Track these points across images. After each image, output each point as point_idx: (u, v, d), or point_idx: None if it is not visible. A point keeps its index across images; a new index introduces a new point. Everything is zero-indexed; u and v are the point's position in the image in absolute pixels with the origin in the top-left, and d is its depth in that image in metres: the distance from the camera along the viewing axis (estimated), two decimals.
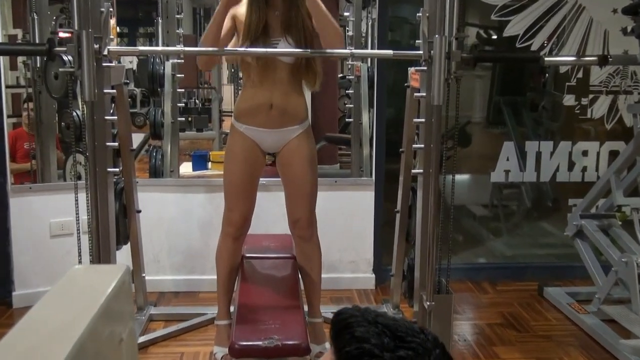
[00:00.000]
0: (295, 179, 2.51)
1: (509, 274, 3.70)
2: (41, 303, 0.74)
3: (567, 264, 3.70)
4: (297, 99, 2.46)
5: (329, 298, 3.31)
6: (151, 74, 3.65)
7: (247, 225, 2.56)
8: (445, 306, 2.30)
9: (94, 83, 2.09)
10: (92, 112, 2.17)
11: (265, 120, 2.42)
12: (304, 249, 2.63)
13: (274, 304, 2.44)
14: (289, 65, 2.39)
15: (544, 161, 3.75)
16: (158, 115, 3.73)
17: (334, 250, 3.42)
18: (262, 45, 2.32)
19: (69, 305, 0.74)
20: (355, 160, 3.90)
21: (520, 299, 3.41)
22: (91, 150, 2.20)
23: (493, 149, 3.77)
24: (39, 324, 0.69)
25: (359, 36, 3.92)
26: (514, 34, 3.60)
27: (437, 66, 2.14)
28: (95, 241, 2.24)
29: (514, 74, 4.01)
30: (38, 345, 0.63)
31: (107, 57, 2.21)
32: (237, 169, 2.48)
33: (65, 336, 0.64)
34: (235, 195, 2.50)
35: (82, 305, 0.72)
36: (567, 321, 3.14)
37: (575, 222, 3.31)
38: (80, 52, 2.07)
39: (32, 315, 0.71)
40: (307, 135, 2.51)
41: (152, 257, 3.35)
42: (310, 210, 2.55)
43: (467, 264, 3.74)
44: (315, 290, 2.69)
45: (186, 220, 3.38)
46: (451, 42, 2.15)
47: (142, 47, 4.01)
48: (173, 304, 3.28)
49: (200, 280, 3.39)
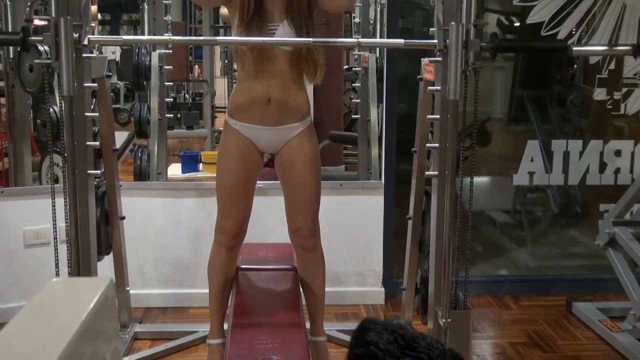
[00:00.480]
0: (296, 182, 2.51)
1: (533, 287, 3.70)
2: (15, 320, 0.74)
3: (599, 276, 3.69)
4: (298, 93, 2.46)
5: (333, 314, 3.31)
6: (136, 66, 3.66)
7: (242, 234, 2.56)
8: (462, 323, 2.30)
9: (73, 76, 2.09)
10: (70, 108, 2.18)
11: (262, 116, 2.42)
12: (306, 260, 2.63)
13: (272, 320, 2.43)
14: (288, 54, 2.39)
15: (572, 162, 3.75)
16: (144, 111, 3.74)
17: (339, 261, 3.42)
18: (257, 33, 2.32)
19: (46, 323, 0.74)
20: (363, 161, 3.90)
21: (547, 316, 3.40)
22: (70, 151, 2.20)
23: (516, 148, 3.77)
24: (13, 343, 0.69)
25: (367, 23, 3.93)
26: (539, 20, 3.60)
27: (453, 57, 2.14)
28: (74, 251, 2.24)
29: (539, 65, 4.01)
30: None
31: (88, 47, 2.21)
32: (232, 171, 2.48)
33: (42, 357, 0.64)
34: (230, 200, 2.50)
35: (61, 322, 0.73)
36: (599, 340, 3.13)
37: (607, 229, 3.30)
38: (57, 41, 2.07)
39: (5, 333, 0.71)
40: (309, 134, 2.51)
41: (137, 268, 3.35)
42: (312, 217, 2.55)
43: (487, 277, 3.73)
44: (318, 306, 2.68)
45: (175, 228, 3.38)
46: (469, 29, 2.15)
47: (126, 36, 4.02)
48: (160, 321, 3.28)
49: (190, 294, 3.40)
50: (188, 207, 3.38)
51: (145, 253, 3.39)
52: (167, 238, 3.39)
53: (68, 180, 2.20)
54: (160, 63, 3.74)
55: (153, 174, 3.68)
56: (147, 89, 3.78)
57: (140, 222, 3.28)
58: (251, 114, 2.43)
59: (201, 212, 3.35)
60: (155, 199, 3.39)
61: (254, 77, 2.39)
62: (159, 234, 3.39)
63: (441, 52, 2.24)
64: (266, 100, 2.41)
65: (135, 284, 3.26)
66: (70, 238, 2.24)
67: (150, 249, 3.39)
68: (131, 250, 3.13)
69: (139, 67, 3.66)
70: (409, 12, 3.85)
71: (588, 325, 3.28)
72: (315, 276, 2.64)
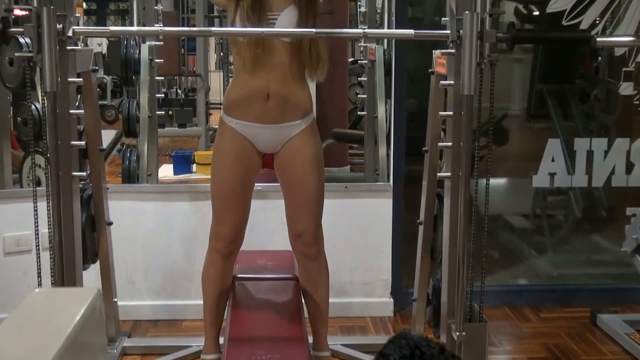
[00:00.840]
0: (298, 184, 2.52)
1: (555, 298, 3.69)
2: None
3: (625, 285, 3.69)
4: (300, 88, 2.46)
5: (337, 327, 3.31)
6: (124, 59, 3.67)
7: (239, 240, 2.57)
8: (478, 337, 2.30)
9: (56, 70, 2.10)
10: (54, 104, 2.18)
11: (261, 113, 2.43)
12: (308, 269, 2.63)
13: (271, 334, 2.44)
14: (289, 46, 2.39)
15: (596, 162, 3.74)
16: (132, 108, 3.74)
17: (344, 269, 3.42)
18: (256, 24, 2.32)
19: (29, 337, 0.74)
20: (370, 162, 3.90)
21: (569, 329, 3.40)
22: (53, 151, 2.20)
23: (535, 147, 3.77)
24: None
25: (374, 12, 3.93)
26: (560, 9, 3.60)
27: (467, 48, 2.14)
28: (57, 260, 2.25)
29: (560, 57, 4.01)
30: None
31: (73, 39, 2.22)
32: (228, 173, 2.48)
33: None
34: (226, 204, 2.50)
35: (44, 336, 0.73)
36: (626, 355, 3.13)
37: (634, 235, 3.29)
38: (40, 33, 2.08)
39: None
40: (312, 132, 2.51)
41: (125, 278, 3.35)
42: (315, 222, 2.55)
43: (504, 287, 3.73)
44: (321, 318, 2.69)
45: (166, 234, 3.39)
46: (484, 19, 2.16)
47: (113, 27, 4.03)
48: (151, 335, 3.28)
49: (183, 306, 3.40)
50: (180, 212, 3.39)
51: (135, 261, 3.39)
52: (158, 245, 3.39)
53: (51, 182, 2.21)
54: (151, 56, 3.74)
55: (143, 175, 3.68)
56: (136, 84, 3.79)
57: (129, 228, 3.28)
58: (249, 110, 2.43)
59: (195, 217, 3.35)
60: (145, 202, 3.39)
61: (251, 71, 2.40)
62: (149, 240, 3.39)
63: (454, 43, 2.24)
64: (265, 96, 2.41)
65: (124, 294, 3.26)
66: (54, 245, 2.24)
67: (139, 256, 3.39)
68: (119, 259, 3.13)
69: (127, 61, 3.66)
70: (419, 0, 3.86)
71: (614, 339, 3.27)
72: (318, 286, 2.64)
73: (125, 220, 3.21)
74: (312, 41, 2.40)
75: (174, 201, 3.40)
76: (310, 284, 2.65)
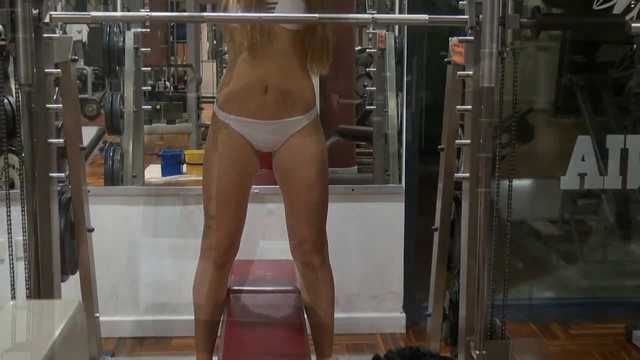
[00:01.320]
0: (299, 187, 2.52)
1: (585, 312, 3.69)
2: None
3: None
4: (302, 80, 2.47)
5: (344, 345, 3.31)
6: (107, 48, 3.67)
7: (234, 249, 2.57)
8: (500, 356, 2.30)
9: (31, 60, 2.10)
10: (29, 98, 2.19)
11: (258, 107, 2.43)
12: (311, 280, 2.64)
13: (270, 353, 2.44)
14: (290, 33, 2.40)
15: (631, 162, 3.74)
16: (116, 102, 3.75)
17: (351, 281, 3.42)
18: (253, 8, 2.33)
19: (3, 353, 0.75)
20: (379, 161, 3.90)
21: (602, 347, 3.40)
22: (28, 150, 2.21)
23: (563, 145, 3.77)
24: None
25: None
26: None
27: (487, 35, 2.14)
28: (33, 270, 2.25)
29: (591, 45, 4.01)
30: None
31: (50, 26, 2.23)
32: (222, 174, 2.49)
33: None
34: (220, 209, 2.51)
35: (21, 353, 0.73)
36: None
37: None
38: (13, 19, 2.08)
39: None
40: (315, 129, 2.52)
41: (108, 290, 3.36)
42: (318, 229, 2.55)
43: (529, 300, 3.73)
44: (325, 335, 2.69)
45: (154, 242, 3.39)
46: (506, 2, 2.16)
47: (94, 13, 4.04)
48: (137, 354, 3.29)
49: (172, 321, 3.40)
50: (169, 217, 3.39)
51: (119, 272, 3.39)
52: (144, 254, 3.40)
53: (26, 184, 2.21)
54: (136, 44, 3.74)
55: (127, 177, 3.68)
56: (120, 76, 3.79)
57: (112, 235, 3.29)
58: (245, 105, 2.44)
59: (185, 222, 3.36)
60: (130, 207, 3.40)
61: (248, 61, 2.40)
62: (134, 249, 3.39)
63: (473, 29, 2.24)
64: (263, 88, 2.42)
65: (107, 309, 3.27)
66: (29, 254, 2.25)
67: (124, 267, 3.40)
68: (101, 269, 3.13)
69: (110, 50, 3.67)
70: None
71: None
72: (321, 299, 2.65)
73: (108, 227, 3.22)
74: (321, 29, 2.39)
75: (162, 205, 3.40)
76: (313, 297, 2.65)
